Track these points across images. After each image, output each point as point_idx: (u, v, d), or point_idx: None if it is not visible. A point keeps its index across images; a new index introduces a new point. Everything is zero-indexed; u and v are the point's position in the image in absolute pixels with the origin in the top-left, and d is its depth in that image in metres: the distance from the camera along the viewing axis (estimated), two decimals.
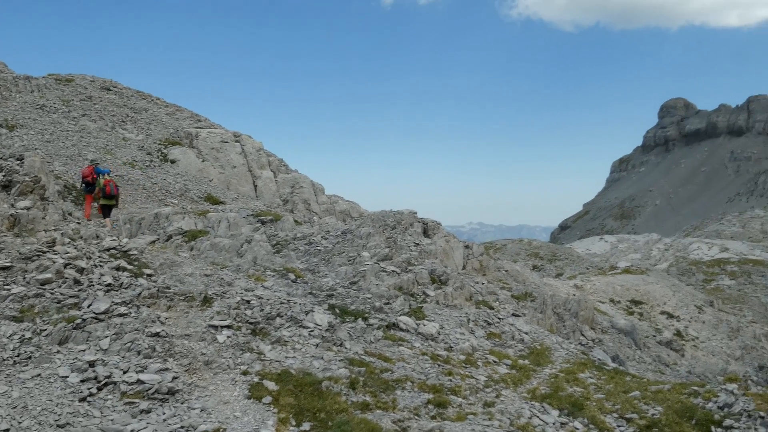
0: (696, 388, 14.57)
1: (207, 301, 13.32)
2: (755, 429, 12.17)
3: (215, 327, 12.41)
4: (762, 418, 12.49)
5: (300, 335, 13.41)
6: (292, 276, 18.09)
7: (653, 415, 13.27)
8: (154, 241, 19.19)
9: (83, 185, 20.64)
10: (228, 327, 12.57)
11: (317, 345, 13.27)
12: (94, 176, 20.32)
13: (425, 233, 24.84)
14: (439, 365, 14.28)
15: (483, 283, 23.39)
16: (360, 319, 15.66)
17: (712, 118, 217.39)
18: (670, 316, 41.42)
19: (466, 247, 26.65)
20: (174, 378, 10.50)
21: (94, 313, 11.46)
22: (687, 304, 43.59)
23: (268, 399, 10.67)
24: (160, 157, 32.74)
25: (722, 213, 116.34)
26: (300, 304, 14.83)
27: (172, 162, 32.69)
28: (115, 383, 10.07)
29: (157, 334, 11.45)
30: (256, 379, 11.22)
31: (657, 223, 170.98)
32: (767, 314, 47.65)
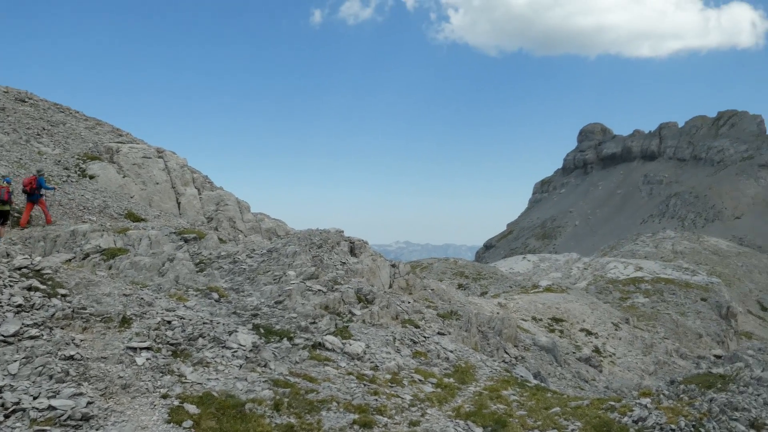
0: (613, 403, 15.07)
1: (125, 321, 12.85)
2: None
3: (134, 349, 11.97)
4: (673, 430, 13.04)
5: (223, 356, 13.11)
6: (215, 295, 17.70)
7: (573, 430, 13.63)
8: (69, 260, 18.41)
9: None
10: (147, 349, 12.15)
11: (241, 366, 13.00)
12: None
13: (352, 252, 24.84)
14: (365, 385, 14.24)
15: (409, 302, 23.54)
16: (285, 339, 15.46)
17: (627, 143, 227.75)
18: (589, 333, 42.79)
19: (393, 266, 26.81)
20: (89, 403, 10.04)
21: (2, 336, 10.84)
22: (604, 322, 45.15)
23: (188, 423, 10.35)
24: (78, 173, 31.49)
25: (637, 233, 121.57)
26: (223, 324, 14.51)
27: (91, 177, 31.50)
28: (24, 410, 9.53)
29: (71, 357, 10.94)
30: (176, 403, 10.87)
31: (576, 242, 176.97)
32: (678, 330, 49.89)
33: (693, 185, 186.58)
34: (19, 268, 13.52)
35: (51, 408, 9.66)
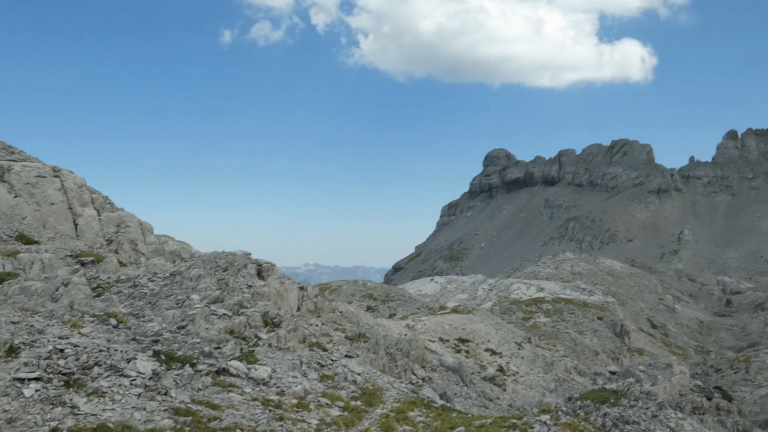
0: (514, 420, 15.51)
1: (13, 351, 12.09)
2: None
3: (21, 380, 11.26)
4: None
5: (120, 385, 12.55)
6: (113, 321, 16.95)
7: None
8: None
9: None
10: (37, 379, 11.46)
11: (139, 395, 12.48)
12: None
13: (259, 275, 24.47)
14: (270, 410, 13.99)
15: (317, 325, 23.39)
16: (188, 365, 14.99)
17: (529, 169, 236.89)
18: (494, 352, 43.86)
19: (301, 288, 26.60)
20: None
21: None
22: (508, 341, 46.43)
23: None
24: None
25: (539, 255, 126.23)
26: (121, 351, 13.91)
27: None
28: None
29: None
30: None
31: (482, 264, 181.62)
32: (576, 348, 51.96)
33: (590, 209, 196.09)
34: None
35: None
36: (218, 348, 16.65)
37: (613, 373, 46.82)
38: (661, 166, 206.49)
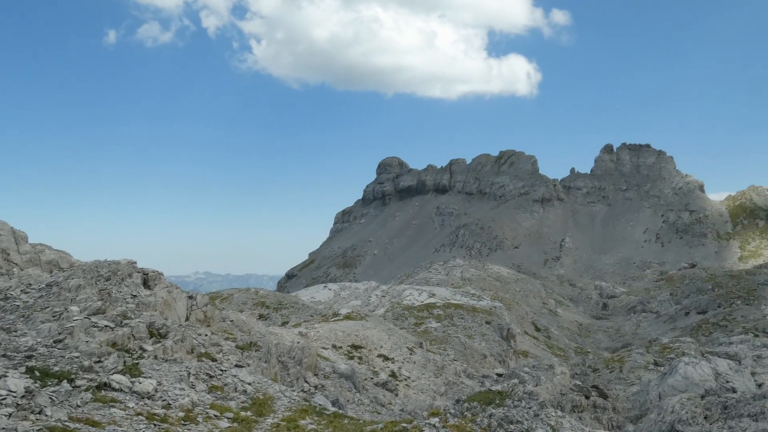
0: (405, 424, 15.77)
1: None
2: None
3: None
4: None
5: None
6: None
7: None
8: None
9: None
10: None
11: (10, 415, 11.68)
12: None
13: (145, 284, 23.55)
14: (155, 425, 13.49)
15: (207, 335, 22.78)
16: (65, 381, 14.19)
17: (421, 177, 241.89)
18: (386, 358, 44.36)
19: (190, 297, 25.83)
20: None
21: None
22: (400, 347, 47.11)
23: None
24: None
25: (430, 262, 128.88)
26: None
27: None
28: None
29: None
30: None
31: (375, 271, 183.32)
32: (466, 352, 53.49)
33: (479, 217, 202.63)
34: None
35: None
36: (99, 362, 15.87)
37: (499, 375, 48.52)
38: (545, 176, 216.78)
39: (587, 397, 42.94)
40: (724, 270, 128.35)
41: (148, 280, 23.72)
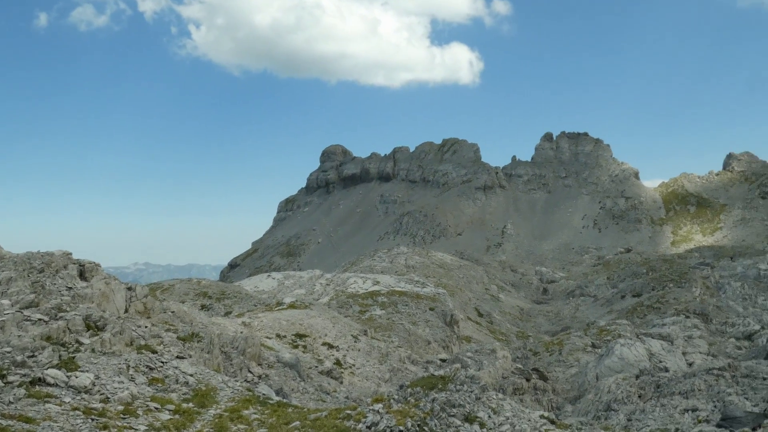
0: (349, 411, 15.87)
1: None
2: None
3: None
4: (401, 431, 14.14)
5: None
6: None
7: None
8: None
9: None
10: None
11: None
12: None
13: (82, 276, 22.89)
14: (92, 420, 13.17)
15: (147, 327, 22.32)
16: None
17: (365, 165, 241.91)
18: (331, 346, 44.40)
19: (129, 289, 25.25)
20: None
21: None
22: (345, 335, 47.22)
23: None
24: None
25: (375, 250, 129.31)
26: None
27: None
28: None
29: None
30: None
31: (320, 259, 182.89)
32: (410, 339, 54.04)
33: (423, 205, 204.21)
34: None
35: None
36: (33, 356, 15.37)
37: (443, 360, 49.24)
38: (487, 164, 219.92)
39: (528, 380, 44.07)
40: (657, 254, 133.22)
41: (84, 271, 23.05)
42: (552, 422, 17.23)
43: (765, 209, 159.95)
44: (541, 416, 17.59)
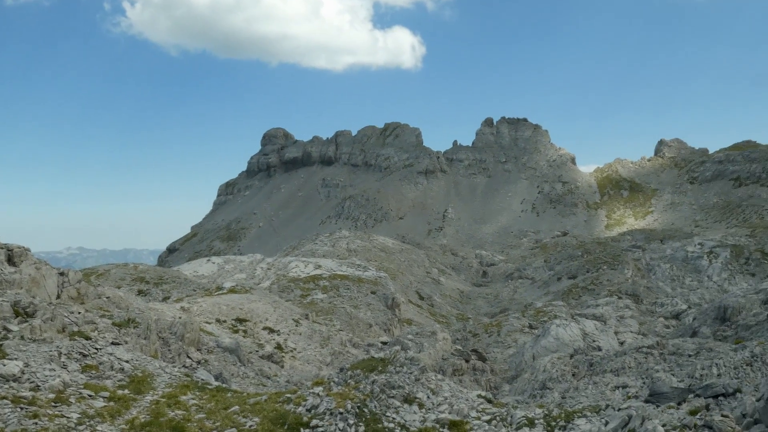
0: (289, 395, 15.86)
1: None
2: (336, 424, 13.79)
3: None
4: (341, 413, 14.23)
5: None
6: None
7: (251, 426, 14.01)
8: None
9: None
10: None
11: None
12: None
13: (10, 261, 22.04)
14: (21, 408, 12.77)
15: (80, 313, 21.69)
16: None
17: (307, 148, 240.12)
18: (272, 330, 44.16)
19: (62, 274, 24.46)
20: None
21: None
22: (286, 319, 47.03)
23: None
24: None
25: (316, 234, 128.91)
26: None
27: None
28: None
29: None
30: None
31: (261, 244, 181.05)
32: (352, 322, 54.23)
33: (365, 189, 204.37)
34: None
35: None
36: None
37: (384, 343, 49.66)
38: (429, 148, 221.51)
39: (467, 361, 44.94)
40: (592, 237, 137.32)
41: (12, 256, 22.20)
42: (489, 401, 17.64)
43: (693, 194, 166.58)
44: (479, 395, 17.98)
